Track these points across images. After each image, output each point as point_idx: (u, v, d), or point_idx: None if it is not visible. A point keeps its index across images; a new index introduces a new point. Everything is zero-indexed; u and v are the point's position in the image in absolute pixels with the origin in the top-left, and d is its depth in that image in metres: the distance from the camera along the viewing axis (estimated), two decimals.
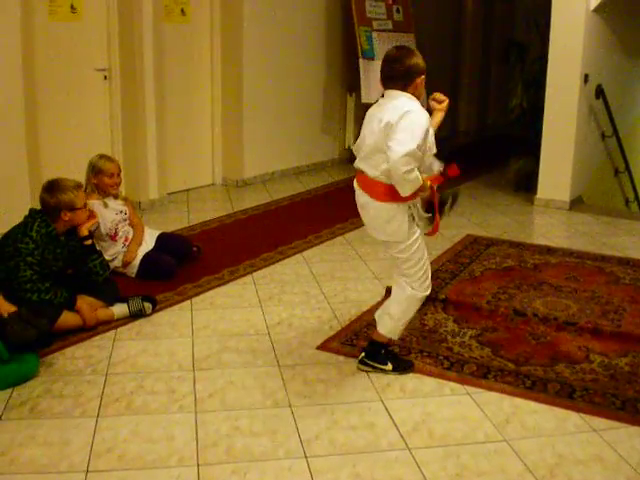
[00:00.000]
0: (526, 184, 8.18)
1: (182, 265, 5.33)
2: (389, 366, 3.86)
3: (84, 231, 4.41)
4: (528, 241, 6.36)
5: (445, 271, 5.50)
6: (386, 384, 3.75)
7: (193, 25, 7.65)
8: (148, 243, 5.33)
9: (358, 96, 9.07)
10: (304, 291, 5.05)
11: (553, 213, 7.38)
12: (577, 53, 7.23)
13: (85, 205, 4.38)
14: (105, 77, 6.78)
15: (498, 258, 5.81)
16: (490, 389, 3.75)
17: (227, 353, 4.07)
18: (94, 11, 6.59)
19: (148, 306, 4.53)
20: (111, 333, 4.30)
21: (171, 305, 4.72)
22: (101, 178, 5.10)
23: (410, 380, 3.81)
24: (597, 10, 7.27)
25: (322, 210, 7.28)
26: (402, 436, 3.29)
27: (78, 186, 4.38)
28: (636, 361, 4.09)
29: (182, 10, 7.47)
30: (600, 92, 7.77)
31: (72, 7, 6.44)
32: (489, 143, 11.80)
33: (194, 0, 7.59)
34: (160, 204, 7.12)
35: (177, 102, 7.51)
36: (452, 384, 3.78)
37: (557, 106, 7.38)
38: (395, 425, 3.37)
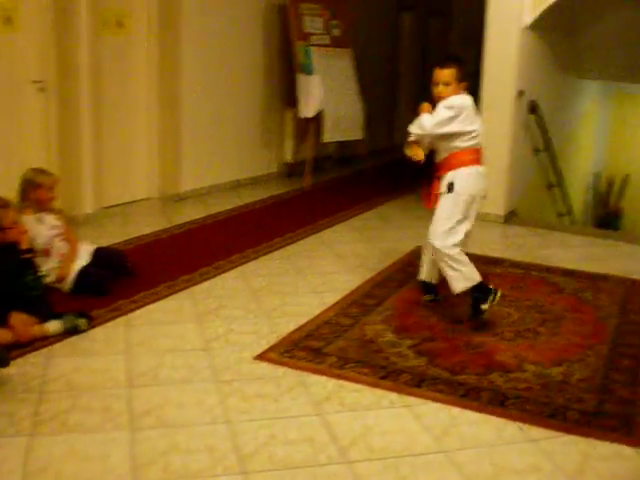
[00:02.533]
0: None
1: (118, 280, 5.24)
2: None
3: (24, 244, 4.34)
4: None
5: (393, 280, 5.59)
6: (325, 398, 3.75)
7: (130, 37, 7.57)
8: (83, 258, 5.24)
9: (296, 110, 9.08)
10: (242, 306, 5.02)
11: (488, 226, 7.49)
12: (511, 69, 7.38)
13: (16, 222, 4.30)
14: (40, 89, 6.65)
15: None
16: (424, 398, 3.78)
17: (164, 369, 4.02)
18: (30, 22, 6.47)
19: (83, 322, 4.44)
20: (45, 350, 4.20)
21: (107, 321, 4.64)
22: (39, 192, 5.02)
23: (349, 393, 3.81)
24: (531, 27, 7.43)
25: (260, 224, 7.26)
26: (341, 450, 3.28)
27: (4, 205, 4.29)
28: (570, 370, 4.17)
29: (119, 22, 7.40)
30: (534, 107, 7.93)
31: (7, 18, 6.32)
32: (426, 157, 11.91)
33: (131, 12, 7.52)
34: (95, 218, 7.01)
35: (113, 115, 7.42)
36: (391, 396, 3.80)
37: (492, 121, 7.48)
38: (334, 439, 3.37)
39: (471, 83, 8.47)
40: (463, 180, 4.72)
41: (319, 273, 5.75)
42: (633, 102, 13.28)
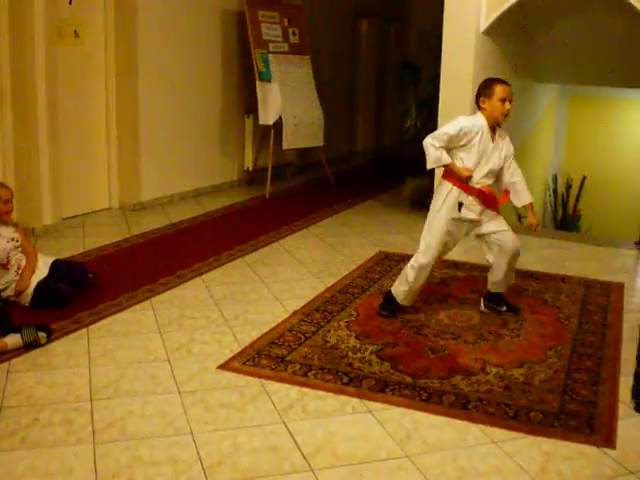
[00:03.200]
0: (421, 203, 8.34)
1: (78, 292, 5.19)
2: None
3: None
4: None
5: (355, 286, 5.62)
6: (288, 406, 3.75)
7: (87, 47, 7.51)
8: (42, 270, 5.17)
9: (256, 118, 9.08)
10: (204, 315, 4.99)
11: None
12: (468, 74, 7.43)
13: None
14: None
15: None
16: (387, 403, 3.79)
17: (125, 381, 3.99)
18: None
19: (43, 336, 4.39)
20: (4, 365, 4.14)
21: (67, 334, 4.59)
22: None
23: (312, 401, 3.81)
24: (487, 32, 7.50)
25: (222, 232, 7.24)
26: (305, 457, 3.28)
27: None
28: (531, 371, 4.21)
29: (75, 32, 7.34)
30: None
31: None
32: (385, 163, 12.00)
33: (87, 22, 7.47)
34: (55, 230, 6.94)
35: (71, 125, 7.35)
36: (354, 403, 3.80)
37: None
38: (298, 447, 3.37)
39: (430, 88, 8.63)
40: None
41: (281, 280, 5.74)
42: (588, 104, 13.47)
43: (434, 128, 7.72)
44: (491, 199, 4.83)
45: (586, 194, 13.27)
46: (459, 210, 4.77)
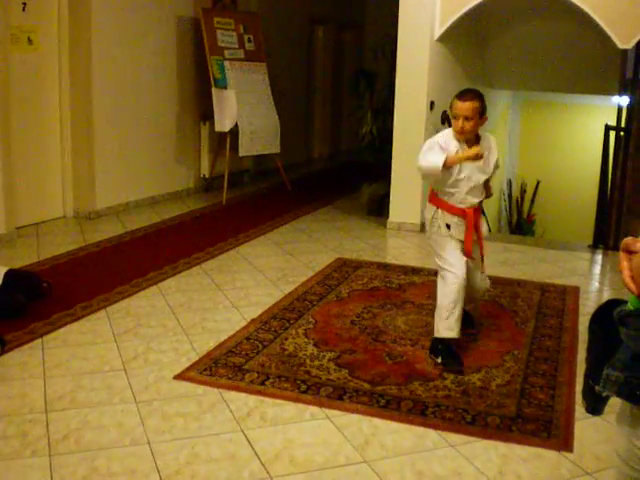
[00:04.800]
0: (378, 208, 8.39)
1: (32, 302, 5.12)
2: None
3: None
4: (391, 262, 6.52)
5: (313, 293, 5.60)
6: (246, 414, 3.73)
7: (41, 54, 7.42)
8: None
9: (212, 125, 9.06)
10: (161, 324, 4.96)
11: (405, 236, 7.60)
12: (422, 81, 7.51)
13: None
14: None
15: (365, 279, 5.97)
16: (346, 410, 3.79)
17: (81, 392, 3.94)
18: None
19: None
20: None
21: (21, 345, 4.52)
22: None
23: (270, 408, 3.80)
24: (441, 39, 7.58)
25: (178, 240, 7.20)
26: (264, 465, 3.27)
27: None
28: (488, 376, 4.25)
29: (29, 39, 7.25)
30: (446, 118, 8.07)
31: None
32: (342, 169, 12.04)
33: (41, 29, 7.38)
34: (8, 239, 6.83)
35: (25, 132, 7.26)
36: (312, 409, 3.80)
37: (405, 132, 7.63)
38: (256, 455, 3.36)
39: (385, 94, 8.69)
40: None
41: (239, 288, 5.73)
42: (540, 110, 13.67)
43: (390, 134, 7.82)
44: (474, 221, 4.48)
45: (540, 198, 13.45)
46: (449, 229, 4.47)
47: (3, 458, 3.28)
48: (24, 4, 7.14)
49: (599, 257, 7.20)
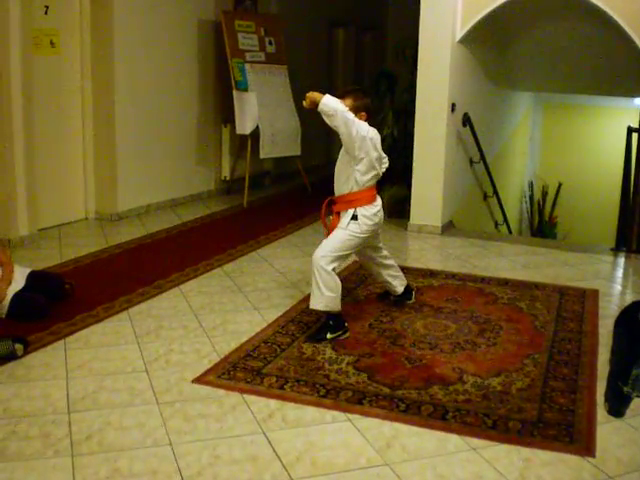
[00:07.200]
0: (398, 211, 8.38)
1: (55, 303, 5.16)
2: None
3: None
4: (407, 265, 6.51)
5: None
6: (267, 416, 3.74)
7: (63, 57, 7.48)
8: (18, 282, 5.14)
9: (233, 127, 9.09)
10: (182, 325, 4.98)
11: (426, 238, 7.58)
12: (444, 83, 7.49)
13: None
14: None
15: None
16: (366, 415, 3.78)
17: (103, 393, 3.97)
18: None
19: (20, 347, 4.35)
20: None
21: (44, 345, 4.56)
22: None
23: (291, 410, 3.81)
24: (462, 41, 7.57)
25: (199, 242, 7.22)
26: (285, 467, 3.28)
27: None
28: (508, 380, 4.22)
29: (51, 41, 7.30)
30: (467, 120, 8.07)
31: None
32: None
33: (64, 32, 7.44)
34: (31, 241, 6.89)
35: (48, 135, 7.32)
36: (333, 412, 3.80)
37: (426, 134, 7.61)
38: (278, 456, 3.36)
39: (406, 96, 8.68)
40: (368, 219, 4.90)
41: (259, 290, 5.74)
42: (563, 112, 13.62)
43: (411, 136, 7.81)
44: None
45: (562, 200, 13.39)
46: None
47: (26, 458, 3.31)
48: (46, 7, 7.20)
49: (621, 260, 7.15)
